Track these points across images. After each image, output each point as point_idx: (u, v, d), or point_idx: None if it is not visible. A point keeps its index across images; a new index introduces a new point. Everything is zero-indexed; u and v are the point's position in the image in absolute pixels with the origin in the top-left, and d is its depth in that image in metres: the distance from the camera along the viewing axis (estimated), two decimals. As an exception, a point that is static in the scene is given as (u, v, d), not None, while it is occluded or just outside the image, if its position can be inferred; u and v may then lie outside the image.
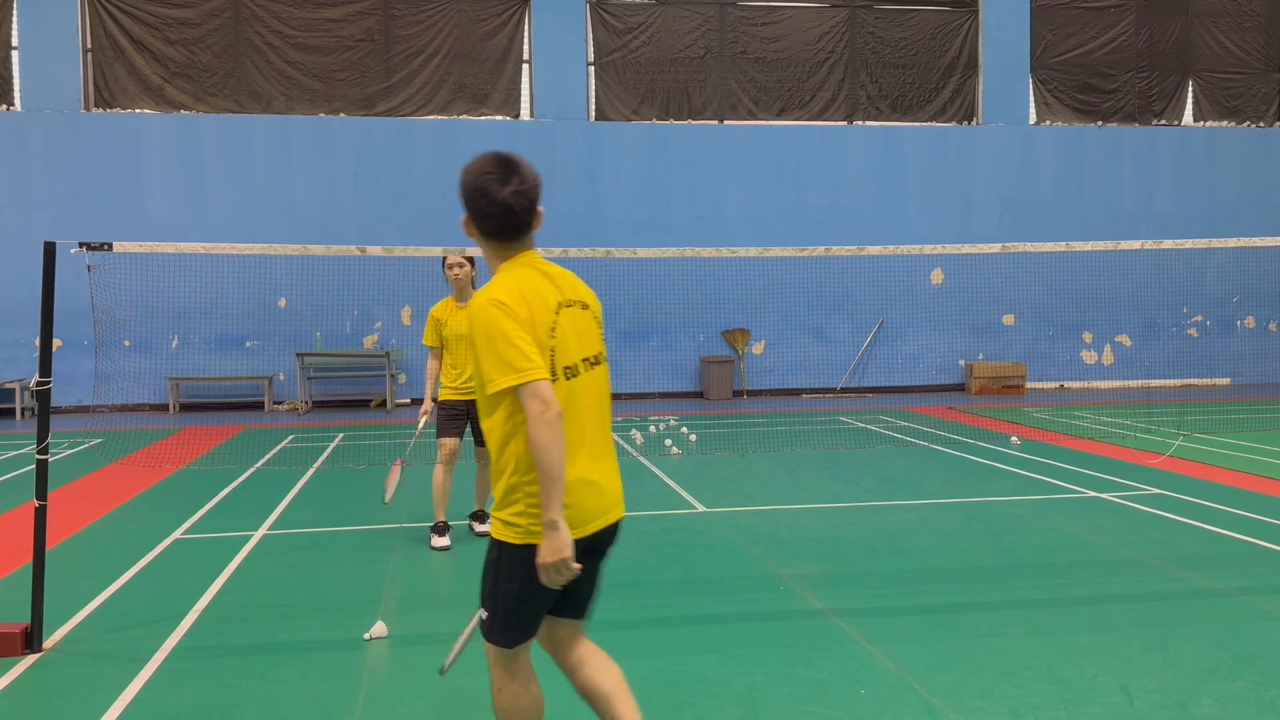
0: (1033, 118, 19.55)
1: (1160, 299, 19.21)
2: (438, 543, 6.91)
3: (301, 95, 17.75)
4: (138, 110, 17.40)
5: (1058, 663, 4.55)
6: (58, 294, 5.19)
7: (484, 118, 18.16)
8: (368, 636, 5.00)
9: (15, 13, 16.94)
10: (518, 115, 18.29)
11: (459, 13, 18.01)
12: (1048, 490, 8.74)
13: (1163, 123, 19.95)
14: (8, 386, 16.21)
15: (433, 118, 17.96)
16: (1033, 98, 19.55)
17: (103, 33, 17.23)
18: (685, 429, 13.14)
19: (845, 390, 18.59)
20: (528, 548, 2.78)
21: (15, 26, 16.97)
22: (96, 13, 17.20)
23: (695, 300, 18.00)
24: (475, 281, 7.15)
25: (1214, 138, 19.86)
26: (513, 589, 2.84)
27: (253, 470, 10.44)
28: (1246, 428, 12.81)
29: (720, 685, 4.34)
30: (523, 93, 18.30)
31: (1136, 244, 7.32)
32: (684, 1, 18.63)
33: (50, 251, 5.13)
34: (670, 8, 18.58)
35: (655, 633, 5.10)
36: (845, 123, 19.15)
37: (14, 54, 17.05)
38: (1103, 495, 8.44)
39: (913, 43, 19.20)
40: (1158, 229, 19.08)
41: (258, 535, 7.40)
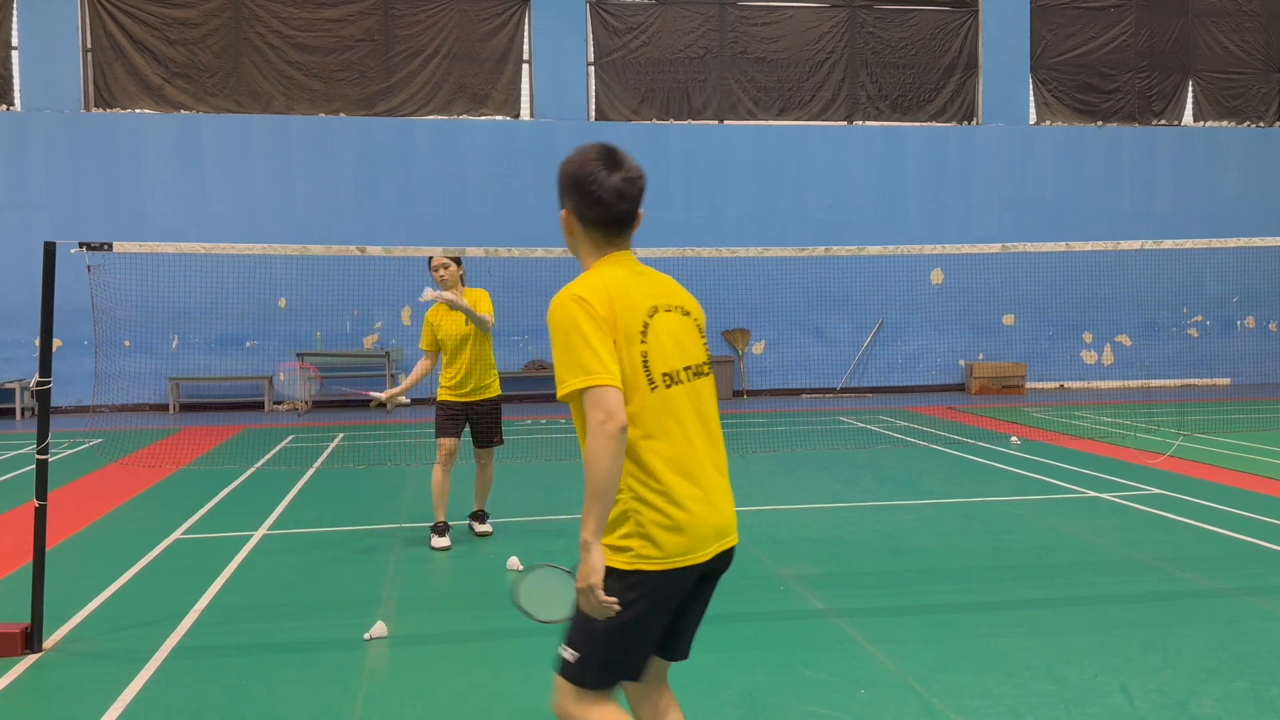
0: (1033, 118, 19.55)
1: (1160, 299, 19.20)
2: (438, 543, 6.90)
3: (301, 95, 17.75)
4: (138, 110, 17.41)
5: (1058, 663, 4.55)
6: (58, 294, 5.19)
7: (484, 118, 18.16)
8: (368, 636, 5.00)
9: (15, 13, 16.94)
10: (518, 115, 18.29)
11: (459, 13, 18.01)
12: (1048, 490, 8.74)
13: (1163, 123, 19.95)
14: (8, 386, 16.21)
15: (433, 118, 17.97)
16: (1033, 98, 19.55)
17: (103, 33, 17.23)
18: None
19: (845, 390, 18.59)
20: (637, 574, 2.54)
21: (15, 26, 16.97)
22: (96, 13, 17.20)
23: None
24: (464, 280, 7.13)
25: (1214, 138, 19.86)
26: (621, 620, 2.54)
27: (253, 470, 10.44)
28: (1246, 428, 12.81)
29: (720, 685, 4.34)
30: (523, 93, 18.30)
31: (1136, 244, 7.32)
32: (684, 1, 18.63)
33: (50, 251, 5.13)
34: (670, 8, 18.58)
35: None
36: (845, 123, 19.15)
37: (14, 54, 17.05)
38: (1103, 495, 8.44)
39: (913, 43, 19.20)
40: (1158, 229, 19.08)
41: (258, 535, 7.40)
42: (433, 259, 6.93)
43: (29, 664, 4.71)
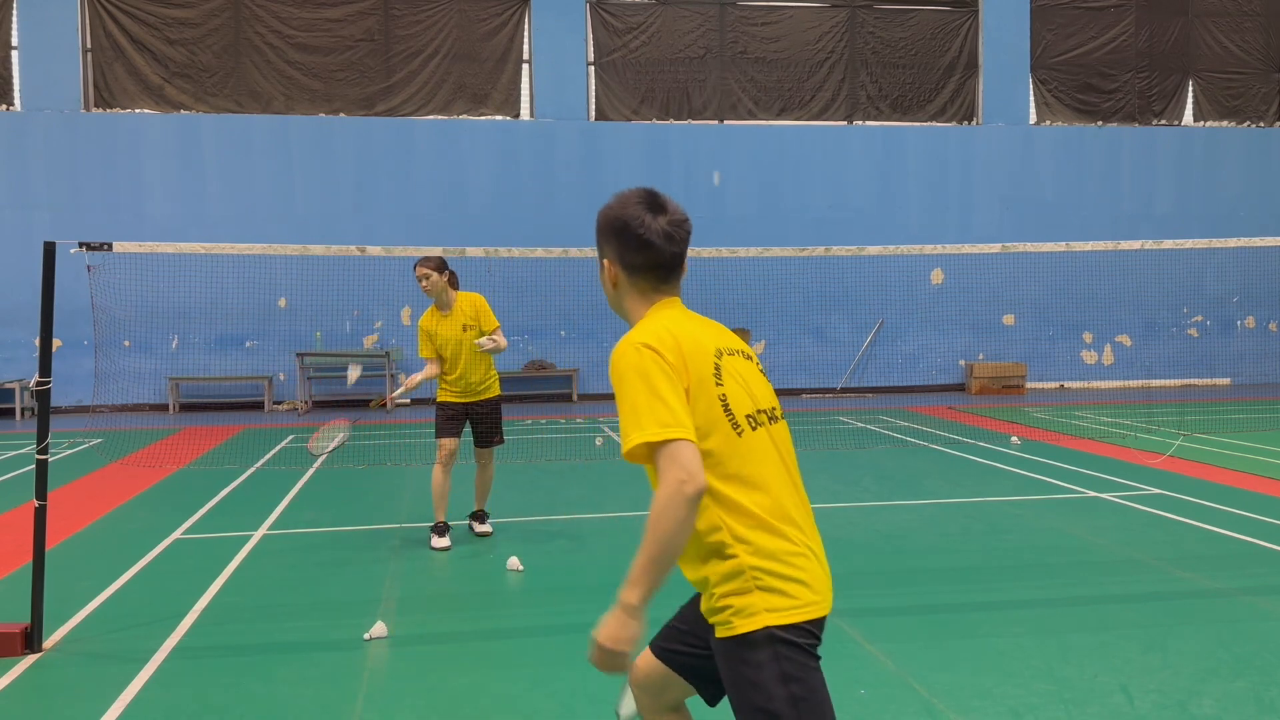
0: (1033, 118, 19.55)
1: (1160, 299, 19.20)
2: (438, 543, 6.90)
3: (301, 95, 17.75)
4: (138, 110, 17.41)
5: (1058, 663, 4.55)
6: (58, 294, 5.19)
7: (484, 118, 18.16)
8: (368, 636, 5.00)
9: (15, 13, 16.94)
10: (518, 115, 18.29)
11: (459, 13, 18.01)
12: (1048, 490, 8.74)
13: (1163, 123, 19.95)
14: (8, 386, 16.21)
15: (433, 118, 17.96)
16: (1033, 98, 19.55)
17: (103, 33, 17.23)
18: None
19: (845, 390, 18.59)
20: (789, 627, 2.28)
21: (15, 26, 16.97)
22: (96, 13, 17.20)
23: (695, 300, 17.81)
24: (456, 283, 7.05)
25: (1214, 138, 19.86)
26: (799, 690, 2.25)
27: (253, 470, 10.44)
28: (1246, 428, 12.81)
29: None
30: (523, 93, 18.30)
31: (1136, 244, 7.32)
32: (684, 1, 18.63)
33: (50, 251, 5.13)
34: (670, 8, 18.58)
35: (655, 633, 5.09)
36: (845, 123, 19.15)
37: (14, 54, 17.05)
38: (1103, 495, 8.44)
39: (913, 43, 19.20)
40: (1158, 229, 19.08)
41: (258, 535, 7.40)
42: (415, 268, 6.82)
43: (29, 664, 4.71)
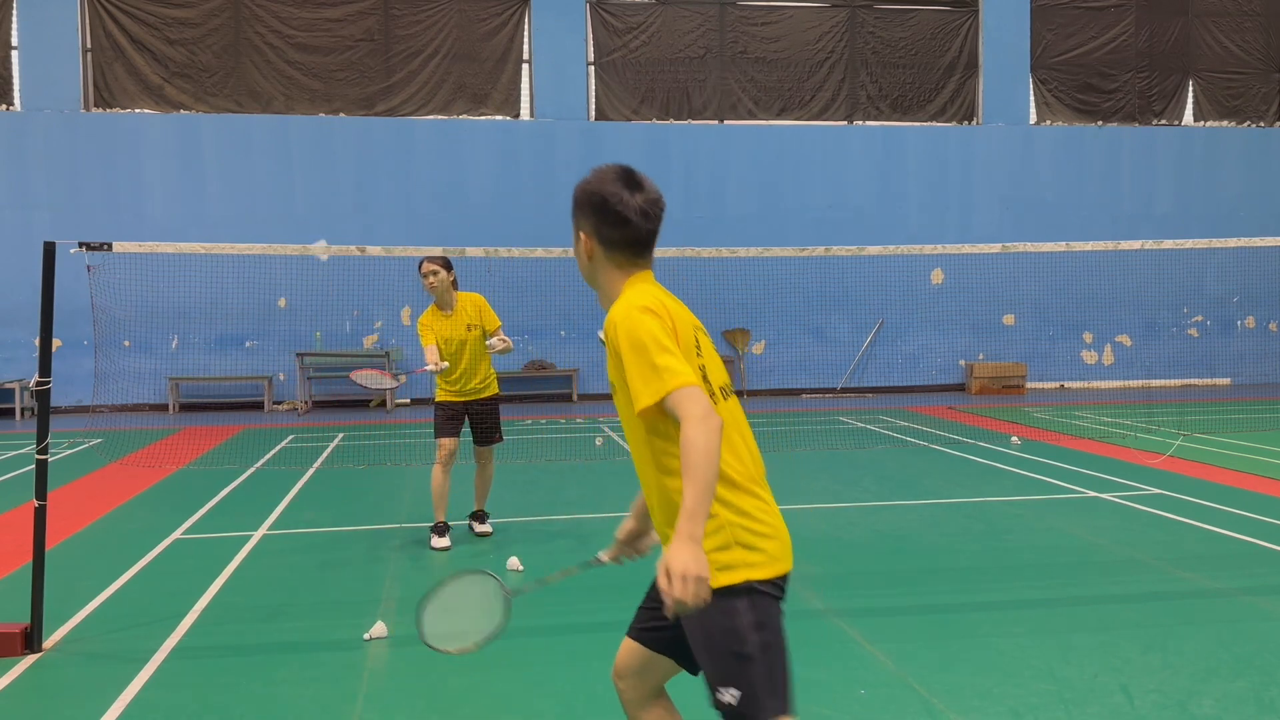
0: (1033, 118, 19.55)
1: (1160, 299, 19.19)
2: (438, 543, 6.90)
3: (301, 95, 17.75)
4: (138, 110, 17.41)
5: (1058, 663, 4.55)
6: (58, 294, 5.19)
7: (484, 118, 18.16)
8: (368, 636, 5.00)
9: (15, 13, 16.94)
10: (518, 115, 18.29)
11: (459, 13, 18.01)
12: (1048, 490, 8.74)
13: (1163, 123, 19.95)
14: (8, 386, 16.21)
15: (433, 118, 17.96)
16: (1033, 98, 19.55)
17: (102, 33, 17.23)
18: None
19: (845, 390, 18.59)
20: (764, 581, 2.46)
21: (15, 26, 16.97)
22: (96, 13, 17.20)
23: (695, 300, 17.77)
24: (457, 284, 7.06)
25: (1214, 138, 19.86)
26: (769, 637, 2.45)
27: (253, 470, 10.44)
28: (1246, 428, 12.81)
29: (720, 685, 4.34)
30: (523, 93, 18.30)
31: (1136, 244, 7.32)
32: (684, 1, 18.63)
33: (50, 251, 5.13)
34: (670, 8, 18.58)
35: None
36: (845, 123, 19.15)
37: (14, 54, 17.05)
38: (1103, 495, 8.44)
39: (913, 43, 19.20)
40: (1158, 229, 19.08)
41: (258, 535, 7.40)
42: (421, 265, 6.87)
43: (29, 664, 4.71)
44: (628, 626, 2.78)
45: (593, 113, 18.40)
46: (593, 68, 18.42)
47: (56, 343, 16.21)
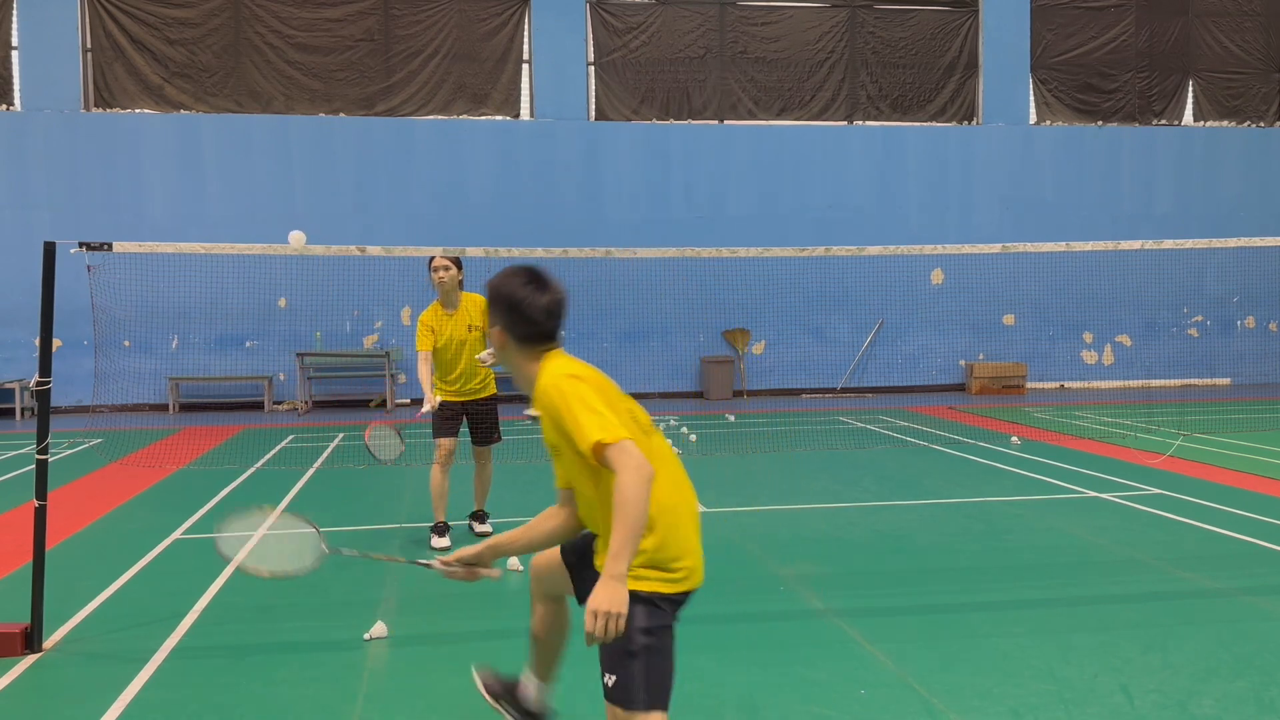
0: (1033, 118, 19.55)
1: (1160, 299, 19.20)
2: (438, 543, 6.90)
3: (301, 95, 17.75)
4: (138, 110, 17.41)
5: (1058, 663, 4.55)
6: (58, 294, 5.19)
7: (484, 118, 18.16)
8: (368, 636, 5.00)
9: (15, 13, 16.94)
10: (518, 115, 18.29)
11: (459, 13, 18.01)
12: (1048, 490, 8.74)
13: (1163, 123, 19.95)
14: (8, 386, 16.21)
15: (433, 118, 17.97)
16: (1033, 98, 19.55)
17: (102, 33, 17.23)
18: (685, 429, 13.14)
19: (845, 390, 18.59)
20: (667, 595, 2.81)
21: (15, 26, 16.97)
22: (96, 13, 17.20)
23: (695, 300, 17.98)
24: (463, 284, 7.10)
25: (1214, 138, 19.86)
26: (655, 642, 2.77)
27: (253, 470, 10.44)
28: (1246, 428, 12.81)
29: (720, 685, 4.34)
30: (523, 93, 18.30)
31: (1136, 244, 7.32)
32: (684, 1, 18.63)
33: (50, 251, 5.12)
34: (670, 8, 18.58)
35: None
36: (845, 123, 19.15)
37: (14, 54, 17.05)
38: (1103, 495, 8.44)
39: (913, 43, 19.20)
40: (1158, 229, 19.08)
41: (257, 535, 7.38)
42: (433, 260, 6.91)
43: (29, 664, 4.71)
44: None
45: (593, 113, 18.40)
46: (593, 68, 18.42)
47: (56, 343, 16.21)
